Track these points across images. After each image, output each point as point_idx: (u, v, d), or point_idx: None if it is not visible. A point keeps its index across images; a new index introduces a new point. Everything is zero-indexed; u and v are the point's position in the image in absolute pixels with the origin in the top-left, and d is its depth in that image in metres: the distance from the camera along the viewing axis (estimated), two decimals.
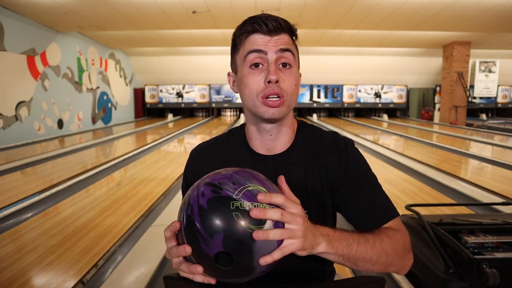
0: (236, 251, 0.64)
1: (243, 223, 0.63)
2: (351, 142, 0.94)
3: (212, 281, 0.68)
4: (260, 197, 0.64)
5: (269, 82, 0.81)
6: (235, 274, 0.67)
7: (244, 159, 0.94)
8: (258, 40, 0.83)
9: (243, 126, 0.99)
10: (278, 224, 0.65)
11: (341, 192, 0.89)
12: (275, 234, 0.63)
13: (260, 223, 0.64)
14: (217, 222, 0.63)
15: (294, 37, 0.87)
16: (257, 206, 0.64)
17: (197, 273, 0.67)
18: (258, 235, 0.61)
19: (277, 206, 0.66)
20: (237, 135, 0.98)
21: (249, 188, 0.66)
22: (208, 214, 0.64)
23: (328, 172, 0.89)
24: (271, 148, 0.93)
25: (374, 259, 0.77)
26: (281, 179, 0.71)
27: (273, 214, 0.63)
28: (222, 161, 0.94)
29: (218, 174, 0.71)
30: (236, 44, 0.88)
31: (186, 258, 0.69)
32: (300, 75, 0.93)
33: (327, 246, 0.71)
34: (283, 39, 0.83)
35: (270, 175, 0.74)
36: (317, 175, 0.89)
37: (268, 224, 0.64)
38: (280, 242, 0.65)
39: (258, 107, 0.84)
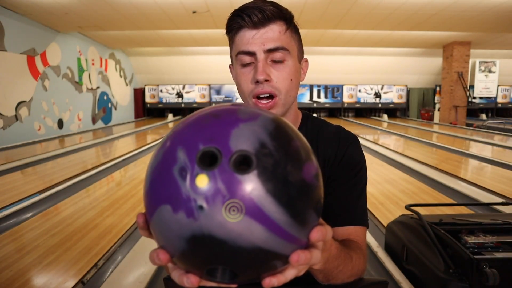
0: None
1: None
2: (354, 138, 0.92)
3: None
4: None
5: (257, 82, 0.79)
6: None
7: None
8: (245, 37, 0.79)
9: None
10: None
11: (328, 181, 0.87)
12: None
13: None
14: None
15: (288, 24, 0.81)
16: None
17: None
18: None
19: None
20: None
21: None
22: None
23: (325, 164, 0.88)
24: None
25: (340, 279, 0.71)
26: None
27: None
28: None
29: None
30: (229, 38, 0.85)
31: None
32: (306, 61, 0.90)
33: (320, 266, 0.62)
34: (272, 32, 0.78)
35: None
36: None
37: None
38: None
39: None
